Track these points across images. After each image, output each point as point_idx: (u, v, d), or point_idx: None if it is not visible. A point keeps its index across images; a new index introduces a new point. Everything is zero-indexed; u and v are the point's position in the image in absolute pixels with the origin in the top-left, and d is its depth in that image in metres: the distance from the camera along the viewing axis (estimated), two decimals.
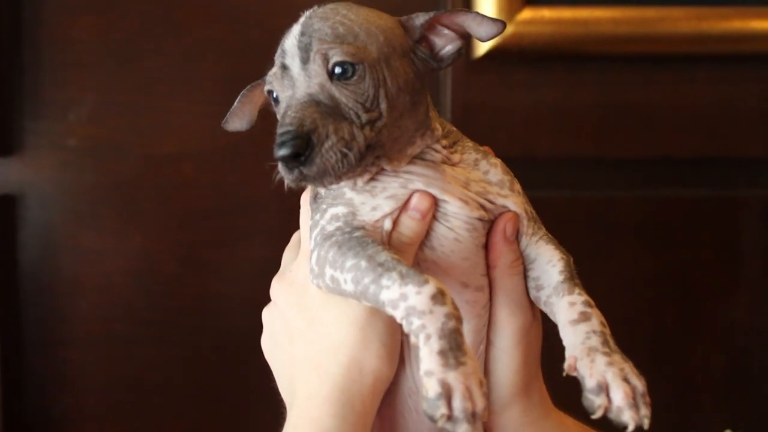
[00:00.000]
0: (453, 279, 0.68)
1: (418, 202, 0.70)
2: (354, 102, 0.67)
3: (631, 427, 0.64)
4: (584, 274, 1.23)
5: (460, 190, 0.72)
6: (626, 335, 1.23)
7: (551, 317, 0.73)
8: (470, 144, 0.75)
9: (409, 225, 0.70)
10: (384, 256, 0.64)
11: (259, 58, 1.35)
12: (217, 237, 1.26)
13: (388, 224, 0.70)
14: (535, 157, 1.23)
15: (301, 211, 0.78)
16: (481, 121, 1.21)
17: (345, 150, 0.65)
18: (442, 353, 0.59)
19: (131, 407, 1.28)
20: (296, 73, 0.69)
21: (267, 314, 0.80)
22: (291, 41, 0.69)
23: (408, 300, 0.61)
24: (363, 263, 0.64)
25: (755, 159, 1.26)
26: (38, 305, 1.25)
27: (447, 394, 0.58)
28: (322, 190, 0.73)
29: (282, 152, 0.65)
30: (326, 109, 0.67)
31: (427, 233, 0.71)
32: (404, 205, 0.70)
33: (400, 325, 0.64)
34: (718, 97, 1.24)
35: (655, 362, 1.28)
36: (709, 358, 1.29)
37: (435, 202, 0.71)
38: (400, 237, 0.70)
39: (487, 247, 0.73)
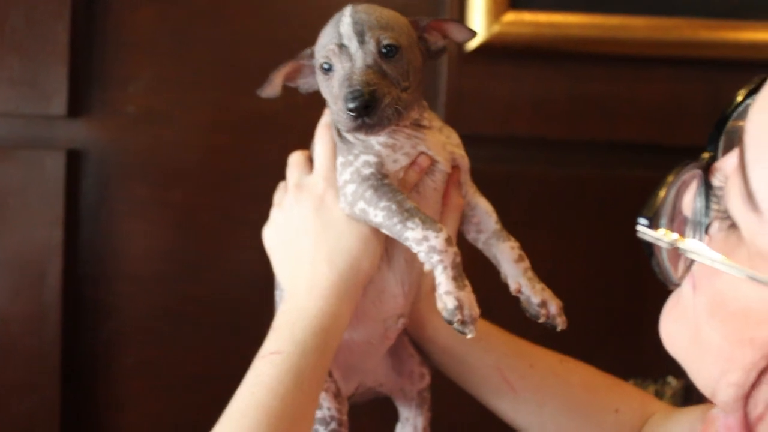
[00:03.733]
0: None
1: (422, 161, 0.94)
2: (396, 74, 0.88)
3: (560, 327, 0.95)
4: (549, 239, 1.46)
5: (443, 151, 0.96)
6: (586, 293, 1.45)
7: (486, 253, 1.00)
8: (434, 114, 0.99)
9: (412, 175, 0.94)
10: (409, 204, 0.87)
11: (285, 49, 1.60)
12: (246, 194, 1.44)
13: (401, 174, 0.93)
14: (515, 137, 1.44)
15: (319, 141, 0.97)
16: (471, 106, 1.42)
17: (397, 106, 0.86)
18: (454, 279, 0.84)
19: (166, 335, 1.47)
20: (354, 50, 0.87)
21: (279, 213, 0.98)
22: (346, 28, 0.87)
23: (430, 241, 0.84)
24: (394, 206, 0.86)
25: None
26: (94, 244, 1.45)
27: (461, 306, 0.83)
28: (351, 137, 0.93)
29: (354, 104, 0.84)
30: (380, 77, 0.86)
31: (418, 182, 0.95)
32: (413, 161, 0.93)
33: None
34: (669, 93, 1.43)
35: (608, 315, 1.50)
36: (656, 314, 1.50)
37: (431, 162, 0.95)
38: (405, 183, 0.93)
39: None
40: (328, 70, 0.90)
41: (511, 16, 1.37)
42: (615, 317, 1.49)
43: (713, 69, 1.43)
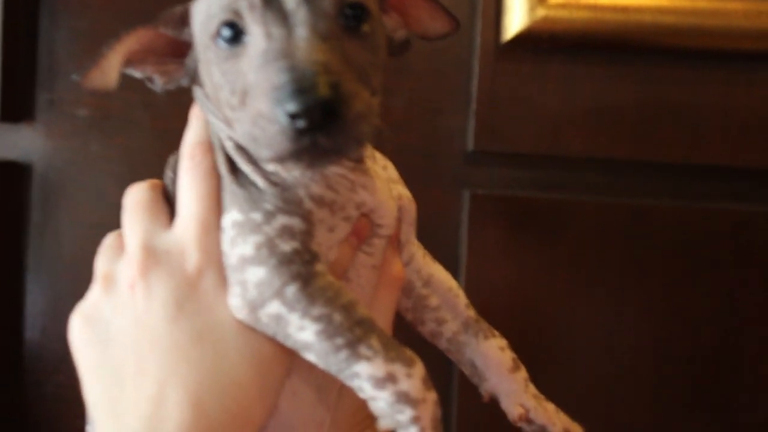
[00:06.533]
0: None
1: (361, 228, 0.59)
2: (363, 61, 0.52)
3: None
4: (615, 291, 1.13)
5: (391, 200, 0.60)
6: (659, 360, 1.13)
7: (454, 357, 0.67)
8: None
9: (345, 252, 0.58)
10: (361, 311, 0.52)
11: None
12: None
13: (334, 252, 0.57)
14: (566, 157, 1.12)
15: (190, 175, 0.60)
16: (508, 114, 1.11)
17: (375, 120, 0.50)
18: None
19: None
20: (293, 6, 0.51)
21: (105, 296, 0.59)
22: None
23: (398, 383, 0.50)
24: (337, 317, 0.51)
25: None
26: (37, 277, 1.21)
27: None
28: (257, 176, 0.56)
29: (302, 105, 0.46)
30: (342, 60, 0.50)
31: None
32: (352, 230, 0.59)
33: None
34: None
35: (691, 395, 1.16)
36: (756, 397, 1.16)
37: (371, 226, 0.60)
38: (337, 267, 0.57)
39: None
40: (233, 39, 0.53)
41: None
42: (700, 389, 1.15)
43: None
